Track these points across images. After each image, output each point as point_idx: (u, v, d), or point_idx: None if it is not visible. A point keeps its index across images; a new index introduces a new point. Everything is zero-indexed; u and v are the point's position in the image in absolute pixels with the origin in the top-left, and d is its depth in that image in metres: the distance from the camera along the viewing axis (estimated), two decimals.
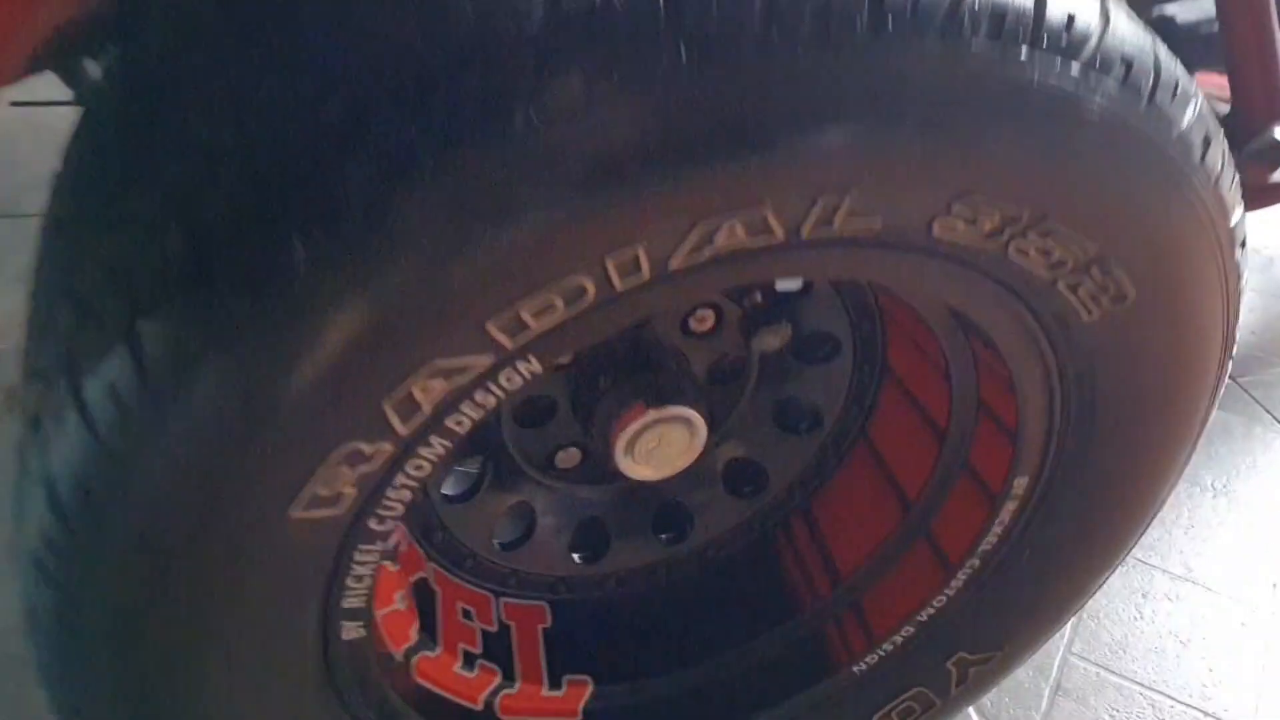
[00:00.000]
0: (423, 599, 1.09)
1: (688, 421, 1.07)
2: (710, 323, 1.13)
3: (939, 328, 1.01)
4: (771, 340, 0.85)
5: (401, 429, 0.70)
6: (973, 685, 1.24)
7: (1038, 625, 1.21)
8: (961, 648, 1.21)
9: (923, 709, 1.25)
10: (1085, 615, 1.78)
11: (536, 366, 0.75)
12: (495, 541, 1.21)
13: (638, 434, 1.05)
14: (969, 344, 1.02)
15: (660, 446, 1.08)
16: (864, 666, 1.22)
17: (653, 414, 1.04)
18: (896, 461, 1.22)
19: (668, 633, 1.27)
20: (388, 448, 0.71)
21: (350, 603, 0.85)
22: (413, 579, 1.07)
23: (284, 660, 0.83)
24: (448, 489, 1.15)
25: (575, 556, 1.27)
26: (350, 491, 0.73)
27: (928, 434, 1.15)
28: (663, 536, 1.31)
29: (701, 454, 1.25)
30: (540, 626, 1.23)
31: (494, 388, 0.75)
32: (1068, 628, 1.75)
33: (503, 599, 1.22)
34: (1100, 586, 1.19)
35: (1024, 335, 0.92)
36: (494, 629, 1.18)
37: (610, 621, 1.27)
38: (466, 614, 1.16)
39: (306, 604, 0.80)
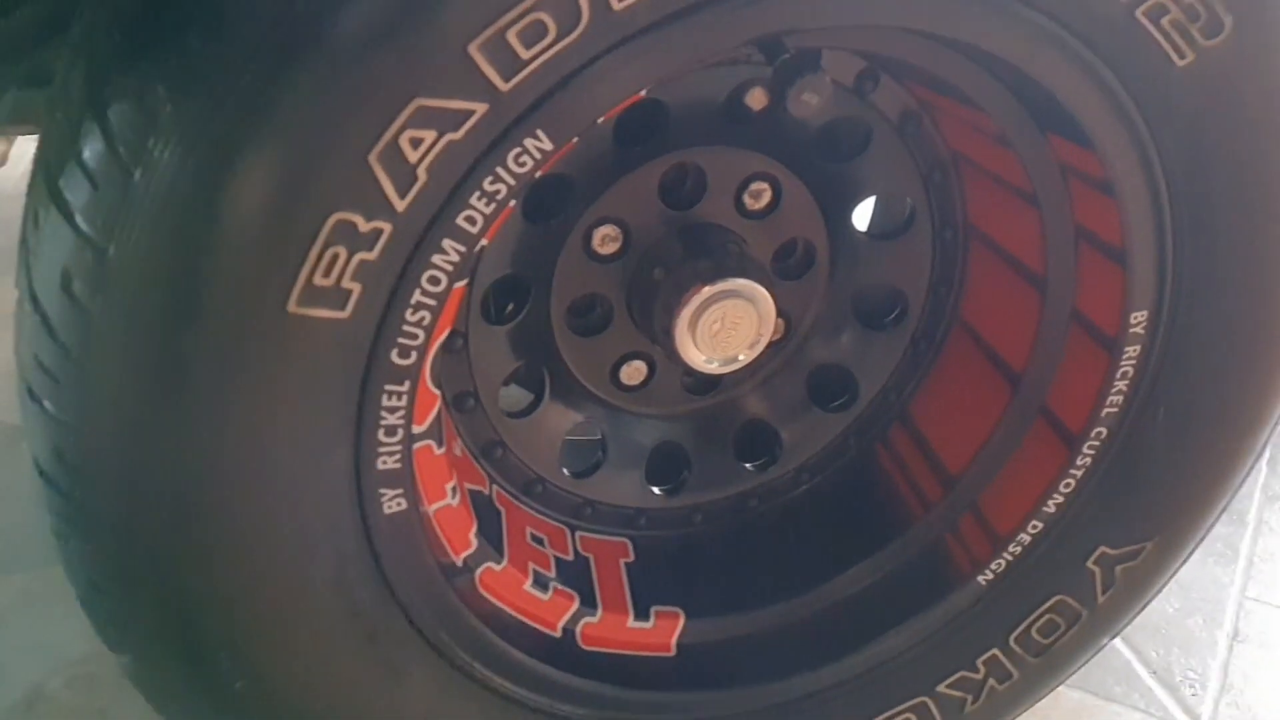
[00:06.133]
0: (486, 516, 1.00)
1: (750, 297, 0.98)
2: (767, 198, 1.05)
3: (1015, 133, 0.90)
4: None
5: (397, 200, 0.64)
6: (1124, 589, 1.07)
7: (1190, 505, 1.04)
8: (1102, 541, 1.05)
9: (1068, 622, 1.08)
10: (1257, 557, 1.57)
11: (547, 144, 0.68)
12: (565, 470, 1.12)
13: (699, 313, 0.98)
14: (1052, 150, 0.91)
15: (725, 328, 1.00)
16: (991, 575, 1.07)
17: (709, 289, 0.96)
18: (996, 333, 1.09)
19: (765, 562, 1.15)
20: (385, 227, 0.65)
21: (386, 464, 0.77)
22: (469, 486, 0.99)
23: (321, 525, 0.75)
24: (506, 405, 1.07)
25: (655, 489, 1.17)
26: (353, 288, 0.66)
27: (1026, 288, 1.03)
28: (749, 465, 1.20)
29: (782, 361, 1.16)
30: (622, 560, 1.12)
31: (501, 171, 0.68)
32: (1238, 572, 1.55)
33: (579, 533, 1.12)
34: (1259, 449, 1.02)
35: (1110, 106, 0.80)
36: (570, 558, 1.08)
37: (700, 555, 1.16)
38: (537, 539, 1.06)
39: (333, 446, 0.73)
